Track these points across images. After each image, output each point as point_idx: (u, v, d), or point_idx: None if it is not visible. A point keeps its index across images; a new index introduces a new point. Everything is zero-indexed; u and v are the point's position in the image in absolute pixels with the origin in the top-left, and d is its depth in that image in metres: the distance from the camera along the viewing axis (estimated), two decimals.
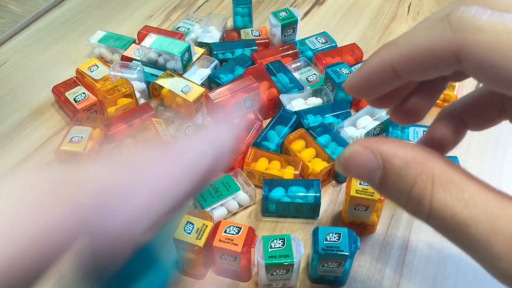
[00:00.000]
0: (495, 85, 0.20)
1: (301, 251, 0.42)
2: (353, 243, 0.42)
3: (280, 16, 0.69)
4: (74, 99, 0.62)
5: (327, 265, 0.43)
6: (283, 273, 0.43)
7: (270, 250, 0.42)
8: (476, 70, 0.20)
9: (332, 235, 0.43)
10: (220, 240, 0.44)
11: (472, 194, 0.21)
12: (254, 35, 0.71)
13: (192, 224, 0.45)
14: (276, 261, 0.42)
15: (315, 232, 0.44)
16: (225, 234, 0.44)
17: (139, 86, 0.63)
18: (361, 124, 0.57)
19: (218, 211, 0.51)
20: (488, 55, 0.20)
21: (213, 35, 0.70)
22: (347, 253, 0.42)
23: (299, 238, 0.43)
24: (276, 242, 0.43)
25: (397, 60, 0.23)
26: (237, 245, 0.43)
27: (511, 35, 0.19)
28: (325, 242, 0.43)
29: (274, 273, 0.43)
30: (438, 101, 0.63)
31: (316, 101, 0.61)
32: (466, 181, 0.21)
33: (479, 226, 0.20)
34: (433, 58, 0.21)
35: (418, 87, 0.26)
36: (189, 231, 0.44)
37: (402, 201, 0.22)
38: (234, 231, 0.44)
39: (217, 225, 0.45)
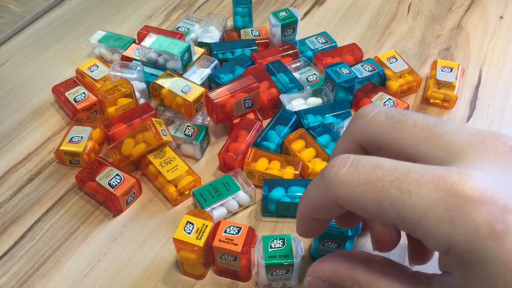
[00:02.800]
0: (371, 218, 0.27)
1: (301, 251, 0.42)
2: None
3: (280, 16, 0.69)
4: (74, 99, 0.62)
5: (327, 245, 0.44)
6: (283, 273, 0.43)
7: (270, 250, 0.42)
8: (354, 211, 0.27)
9: None
10: (220, 240, 0.44)
11: None
12: (254, 35, 0.71)
13: (192, 224, 0.45)
14: (276, 261, 0.42)
15: None
16: (225, 234, 0.44)
17: (139, 86, 0.63)
18: None
19: (218, 211, 0.51)
20: (354, 202, 0.26)
21: (213, 35, 0.70)
22: (347, 235, 0.42)
23: (299, 238, 0.43)
24: (276, 242, 0.43)
25: (309, 212, 0.31)
26: (237, 245, 0.43)
27: (364, 186, 0.25)
28: None
29: (274, 273, 0.43)
30: (438, 102, 0.63)
31: (316, 101, 0.61)
32: (380, 281, 0.28)
33: None
34: (326, 207, 0.28)
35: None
36: (189, 231, 0.44)
37: None
38: (234, 231, 0.44)
39: (217, 225, 0.45)
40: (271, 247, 0.43)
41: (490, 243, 0.22)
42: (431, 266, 0.35)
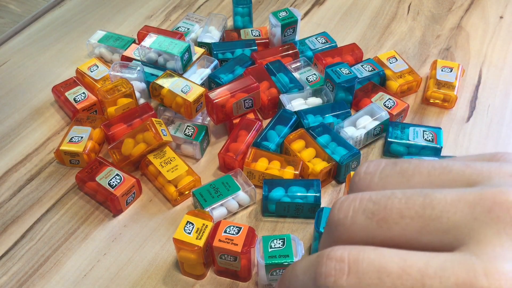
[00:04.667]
0: None
1: (301, 251, 0.43)
2: None
3: (280, 16, 0.69)
4: (74, 99, 0.62)
5: None
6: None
7: (270, 250, 0.42)
8: None
9: None
10: (220, 240, 0.44)
11: None
12: (254, 35, 0.71)
13: (192, 224, 0.45)
14: (276, 261, 0.42)
15: (320, 212, 0.44)
16: (225, 234, 0.44)
17: (139, 86, 0.63)
18: (361, 124, 0.57)
19: (218, 211, 0.51)
20: None
21: (213, 35, 0.70)
22: None
23: (299, 238, 0.43)
24: (276, 242, 0.43)
25: None
26: (237, 245, 0.43)
27: None
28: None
29: (274, 273, 0.43)
30: (438, 102, 0.63)
31: (316, 101, 0.61)
32: None
33: None
34: None
35: None
36: (189, 231, 0.44)
37: None
38: (234, 231, 0.44)
39: (217, 225, 0.45)
40: (271, 247, 0.43)
41: None
42: None
